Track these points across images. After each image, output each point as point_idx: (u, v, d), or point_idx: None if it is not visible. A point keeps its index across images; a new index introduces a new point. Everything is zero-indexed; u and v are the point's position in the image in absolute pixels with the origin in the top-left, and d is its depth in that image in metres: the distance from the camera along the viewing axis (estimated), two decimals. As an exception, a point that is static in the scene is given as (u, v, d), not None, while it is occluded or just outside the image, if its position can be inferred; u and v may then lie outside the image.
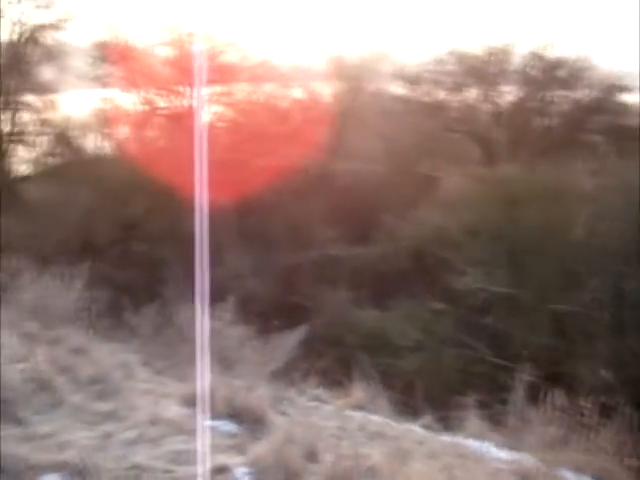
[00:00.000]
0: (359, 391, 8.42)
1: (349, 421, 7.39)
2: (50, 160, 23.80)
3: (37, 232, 15.94)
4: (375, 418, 7.76)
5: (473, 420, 8.02)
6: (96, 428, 5.81)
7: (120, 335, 9.32)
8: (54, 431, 5.51)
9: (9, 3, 23.48)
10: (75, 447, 5.08)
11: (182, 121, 21.57)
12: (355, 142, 23.63)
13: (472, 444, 7.32)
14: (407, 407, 9.00)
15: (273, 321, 11.95)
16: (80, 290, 9.72)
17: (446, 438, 7.53)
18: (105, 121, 23.07)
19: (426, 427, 7.91)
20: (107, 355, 7.91)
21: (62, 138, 23.37)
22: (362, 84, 25.98)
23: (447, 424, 8.10)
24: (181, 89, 22.84)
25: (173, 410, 6.56)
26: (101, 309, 9.52)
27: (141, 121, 22.99)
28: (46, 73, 24.36)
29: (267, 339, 10.97)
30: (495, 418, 8.29)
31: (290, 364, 10.41)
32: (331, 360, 12.96)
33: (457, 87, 25.60)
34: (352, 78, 25.86)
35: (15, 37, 23.92)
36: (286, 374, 9.48)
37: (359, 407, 8.11)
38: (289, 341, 11.17)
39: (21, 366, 6.69)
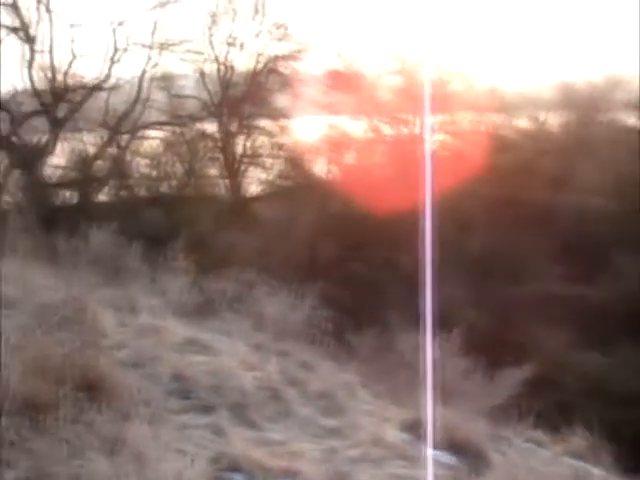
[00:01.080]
0: (578, 438, 7.96)
1: (568, 469, 7.02)
2: (281, 182, 24.94)
3: (267, 249, 16.82)
4: (596, 471, 7.30)
5: None
6: (322, 442, 5.97)
7: (341, 354, 9.50)
8: (285, 439, 5.73)
9: (251, 37, 25.05)
10: (305, 457, 5.24)
11: (407, 149, 21.83)
12: (584, 175, 22.55)
13: None
14: (632, 463, 8.34)
15: (493, 356, 11.64)
16: (306, 307, 10.04)
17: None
18: (333, 146, 23.77)
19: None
20: (331, 372, 8.10)
21: (292, 161, 24.44)
22: (593, 113, 24.74)
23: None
24: (407, 117, 23.08)
25: (393, 434, 6.59)
26: (325, 327, 9.75)
27: (367, 148, 23.42)
28: (281, 100, 25.69)
29: (486, 374, 10.70)
30: None
31: (508, 402, 10.08)
32: (549, 402, 12.39)
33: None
34: (582, 107, 24.73)
35: (255, 67, 25.50)
36: (504, 412, 9.18)
37: (578, 456, 7.67)
38: (509, 379, 10.82)
39: (254, 374, 7.02)
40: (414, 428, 6.69)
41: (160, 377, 5.84)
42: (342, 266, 17.15)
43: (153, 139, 25.11)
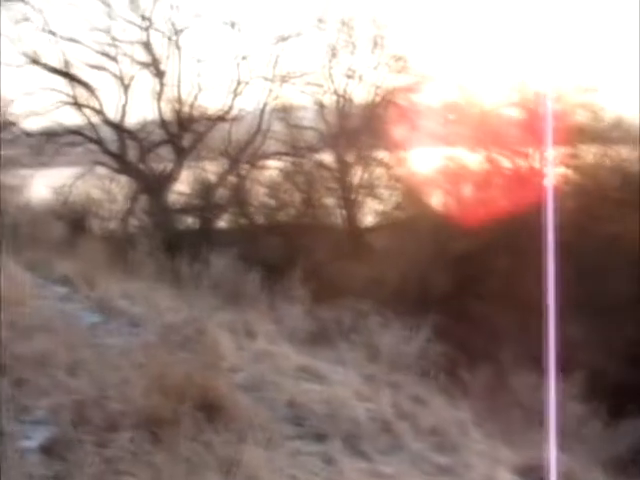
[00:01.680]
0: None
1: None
2: (396, 213, 24.75)
3: (381, 280, 16.77)
4: None
5: None
6: (433, 479, 5.86)
7: (454, 390, 9.33)
8: (395, 473, 5.66)
9: (370, 69, 25.34)
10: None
11: (526, 182, 21.34)
12: None
13: None
14: None
15: (615, 402, 11.10)
16: (419, 339, 9.94)
17: None
18: (449, 179, 23.56)
19: None
20: (443, 408, 7.95)
21: (408, 193, 24.31)
22: None
23: None
24: (527, 150, 22.58)
25: (506, 477, 6.40)
26: (438, 361, 9.62)
27: (484, 180, 23.08)
28: (398, 132, 25.47)
29: (607, 421, 10.21)
30: None
31: (629, 453, 9.59)
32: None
33: None
34: None
35: (372, 99, 25.80)
36: (623, 463, 8.75)
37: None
38: (632, 428, 10.27)
39: (366, 405, 6.98)
40: (528, 472, 6.48)
41: (275, 402, 5.92)
42: (457, 299, 16.89)
43: (272, 169, 25.47)
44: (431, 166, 25.12)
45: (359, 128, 25.27)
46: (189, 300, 8.04)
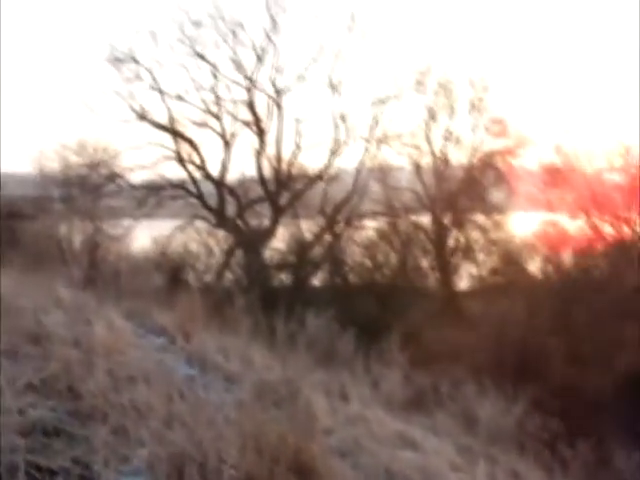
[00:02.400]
0: None
1: None
2: (493, 278, 24.23)
3: (478, 346, 16.28)
4: None
5: None
6: None
7: (553, 466, 8.82)
8: None
9: (467, 131, 25.42)
10: None
11: (629, 249, 20.53)
12: None
13: None
14: None
15: None
16: (518, 410, 9.51)
17: None
18: (549, 244, 22.98)
19: None
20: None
21: (506, 258, 23.79)
22: None
23: None
24: (630, 215, 21.79)
25: None
26: (536, 434, 9.14)
27: (585, 246, 22.38)
28: (495, 195, 25.58)
29: None
30: None
31: None
32: None
33: None
34: None
35: (470, 161, 25.70)
36: None
37: None
38: None
39: (460, 476, 6.68)
40: None
41: (368, 468, 5.71)
42: (557, 370, 16.19)
43: (368, 228, 25.57)
44: (529, 231, 24.68)
45: (456, 190, 25.36)
46: (284, 358, 7.96)
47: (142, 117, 23.69)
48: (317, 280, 25.00)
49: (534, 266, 23.40)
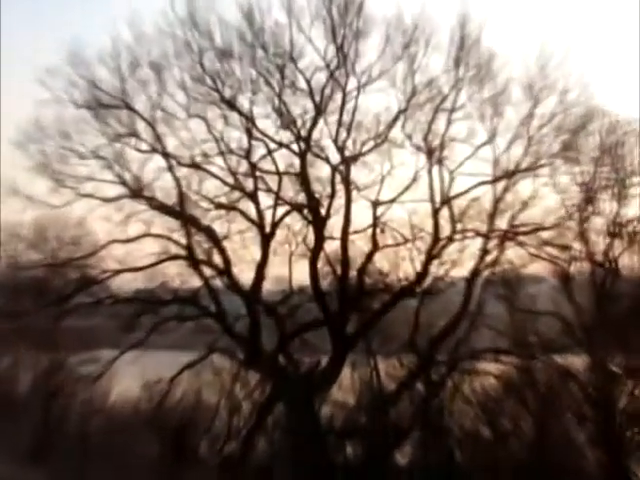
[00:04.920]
0: None
1: None
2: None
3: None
4: None
5: None
6: None
7: None
8: None
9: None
10: None
11: None
12: None
13: None
14: None
15: None
16: None
17: None
18: None
19: None
20: None
21: None
22: None
23: None
24: None
25: None
26: None
27: None
28: None
29: None
30: None
31: None
32: None
33: None
34: None
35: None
36: None
37: None
38: None
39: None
40: None
41: None
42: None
43: (485, 374, 19.47)
44: None
45: (630, 317, 18.49)
46: None
47: (136, 194, 18.45)
48: (403, 456, 19.70)
49: None
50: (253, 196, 18.56)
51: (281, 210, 18.97)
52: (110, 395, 18.04)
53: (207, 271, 18.98)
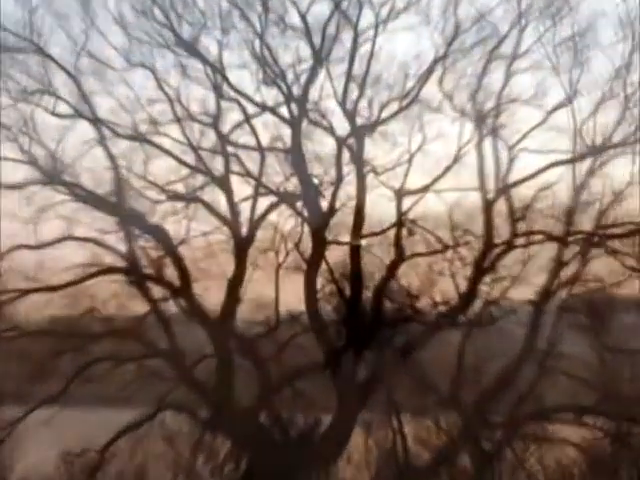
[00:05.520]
0: None
1: None
2: None
3: None
4: None
5: None
6: None
7: None
8: None
9: None
10: None
11: None
12: None
13: None
14: None
15: None
16: None
17: None
18: None
19: None
20: None
21: None
22: None
23: None
24: None
25: None
26: None
27: None
28: None
29: None
30: None
31: None
32: None
33: None
34: None
35: None
36: None
37: None
38: None
39: None
40: None
41: None
42: None
43: (559, 443, 15.18)
44: None
45: None
46: None
47: (52, 178, 13.91)
48: None
49: None
50: (223, 182, 14.33)
51: (264, 202, 14.86)
52: (11, 472, 13.22)
53: (156, 291, 14.61)
